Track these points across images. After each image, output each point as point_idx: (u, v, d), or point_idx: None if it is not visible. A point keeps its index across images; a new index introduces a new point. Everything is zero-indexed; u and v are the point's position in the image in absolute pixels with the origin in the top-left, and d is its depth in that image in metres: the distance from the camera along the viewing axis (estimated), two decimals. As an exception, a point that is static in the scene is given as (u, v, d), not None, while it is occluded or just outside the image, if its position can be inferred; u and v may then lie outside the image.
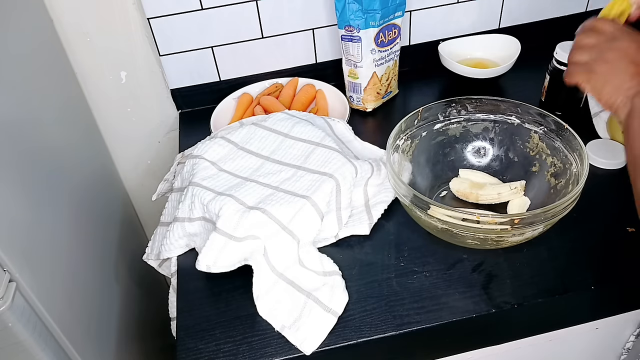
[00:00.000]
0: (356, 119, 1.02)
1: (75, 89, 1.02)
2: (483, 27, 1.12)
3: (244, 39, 1.03)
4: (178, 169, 0.88)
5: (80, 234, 0.87)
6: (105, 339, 0.88)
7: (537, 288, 0.67)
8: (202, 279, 0.73)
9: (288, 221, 0.72)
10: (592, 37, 0.62)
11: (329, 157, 0.79)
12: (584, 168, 0.69)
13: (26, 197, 0.71)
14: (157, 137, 1.15)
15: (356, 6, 0.91)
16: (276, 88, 1.06)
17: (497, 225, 0.65)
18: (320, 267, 0.72)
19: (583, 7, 1.13)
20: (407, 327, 0.65)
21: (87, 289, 0.84)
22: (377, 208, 0.79)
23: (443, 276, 0.70)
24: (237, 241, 0.70)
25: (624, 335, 0.82)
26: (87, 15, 0.97)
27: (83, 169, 0.97)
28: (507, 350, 0.75)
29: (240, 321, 0.68)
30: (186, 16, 0.98)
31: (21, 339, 0.62)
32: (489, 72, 1.01)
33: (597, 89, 0.60)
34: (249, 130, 0.86)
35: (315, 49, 1.07)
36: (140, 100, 1.09)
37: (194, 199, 0.76)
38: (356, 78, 0.99)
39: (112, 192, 1.12)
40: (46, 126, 0.84)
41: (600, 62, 0.60)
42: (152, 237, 0.84)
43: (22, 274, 0.63)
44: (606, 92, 0.59)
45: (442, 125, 0.83)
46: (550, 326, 0.73)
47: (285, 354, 0.64)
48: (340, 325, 0.66)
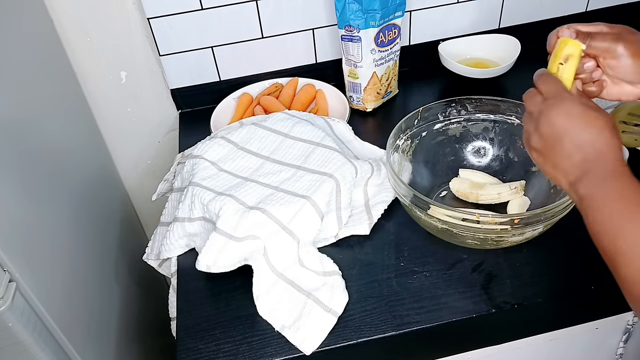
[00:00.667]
0: (356, 119, 1.02)
1: (75, 89, 1.02)
2: (483, 27, 1.12)
3: (244, 39, 1.03)
4: (178, 169, 0.88)
5: (80, 234, 0.87)
6: (105, 339, 0.88)
7: (537, 288, 0.67)
8: (202, 279, 0.73)
9: (288, 221, 0.72)
10: (531, 102, 0.56)
11: (329, 157, 0.79)
12: (584, 168, 0.68)
13: (26, 197, 0.71)
14: (157, 137, 1.15)
15: (356, 6, 0.91)
16: (276, 88, 1.06)
17: (497, 225, 0.65)
18: (320, 267, 0.72)
19: (583, 7, 1.13)
20: (407, 327, 0.65)
21: (87, 289, 0.84)
22: (377, 208, 0.79)
23: (443, 276, 0.70)
24: (237, 241, 0.70)
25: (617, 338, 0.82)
26: (87, 16, 0.97)
27: (83, 169, 0.97)
28: (507, 350, 0.75)
29: (240, 321, 0.68)
30: (186, 16, 0.98)
31: (21, 339, 0.62)
32: (489, 72, 1.01)
33: (540, 165, 0.55)
34: (249, 130, 0.86)
35: (315, 49, 1.07)
36: (140, 100, 1.09)
37: (194, 199, 0.76)
38: (356, 78, 0.99)
39: (112, 192, 1.12)
40: (46, 126, 0.84)
41: (536, 138, 0.54)
42: (152, 237, 0.84)
43: (22, 274, 0.63)
44: (548, 172, 0.54)
45: (442, 125, 0.83)
46: (550, 326, 0.73)
47: (285, 354, 0.64)
48: (340, 325, 0.66)
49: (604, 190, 0.48)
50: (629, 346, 0.82)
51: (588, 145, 0.50)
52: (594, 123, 0.50)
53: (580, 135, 0.50)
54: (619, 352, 0.83)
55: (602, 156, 0.49)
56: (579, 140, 0.50)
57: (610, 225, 0.47)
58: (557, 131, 0.52)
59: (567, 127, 0.51)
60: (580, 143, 0.50)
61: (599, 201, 0.48)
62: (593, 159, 0.49)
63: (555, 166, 0.53)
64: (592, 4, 1.12)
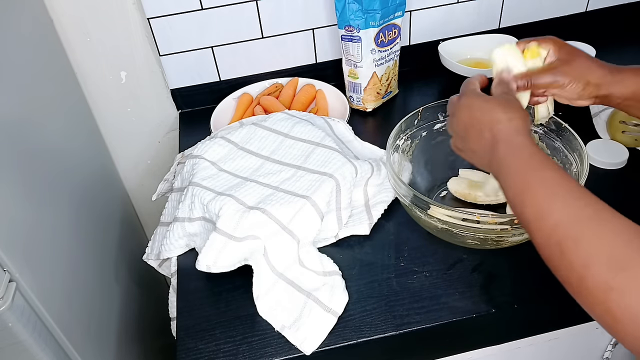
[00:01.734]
0: (356, 119, 1.02)
1: (75, 89, 1.02)
2: (483, 27, 1.12)
3: (244, 39, 1.03)
4: (178, 169, 0.88)
5: (80, 234, 0.87)
6: (105, 339, 0.88)
7: (537, 288, 0.67)
8: (202, 279, 0.73)
9: (288, 221, 0.72)
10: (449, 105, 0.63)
11: (329, 157, 0.79)
12: (584, 168, 0.69)
13: (26, 197, 0.71)
14: (157, 137, 1.15)
15: (356, 6, 0.91)
16: (276, 88, 1.06)
17: (497, 225, 0.65)
18: (320, 267, 0.72)
19: (583, 7, 1.13)
20: (407, 327, 0.65)
21: (87, 289, 0.84)
22: (377, 208, 0.79)
23: (443, 276, 0.70)
24: (237, 241, 0.70)
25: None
26: (87, 15, 0.97)
27: (83, 169, 0.97)
28: (507, 350, 0.75)
29: (240, 321, 0.68)
30: (186, 16, 0.98)
31: (21, 339, 0.62)
32: (489, 72, 1.01)
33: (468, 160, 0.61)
34: (249, 130, 0.86)
35: (315, 49, 1.07)
36: (140, 100, 1.09)
37: (194, 199, 0.76)
38: (356, 78, 0.99)
39: (112, 192, 1.12)
40: (46, 126, 0.84)
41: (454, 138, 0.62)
42: (152, 237, 0.84)
43: (22, 274, 0.63)
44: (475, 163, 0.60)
45: (442, 125, 0.83)
46: (550, 326, 0.73)
47: (285, 354, 0.64)
48: (340, 325, 0.66)
49: (508, 159, 0.53)
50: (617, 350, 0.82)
51: (486, 129, 0.56)
52: (485, 108, 0.57)
53: (480, 122, 0.57)
54: (606, 356, 0.83)
55: (500, 134, 0.54)
56: (479, 126, 0.57)
57: (518, 180, 0.51)
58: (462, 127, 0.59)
59: (468, 120, 0.58)
60: (480, 128, 0.56)
61: (507, 167, 0.53)
62: (494, 138, 0.55)
63: (473, 156, 0.59)
64: (592, 4, 1.12)
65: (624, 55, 1.09)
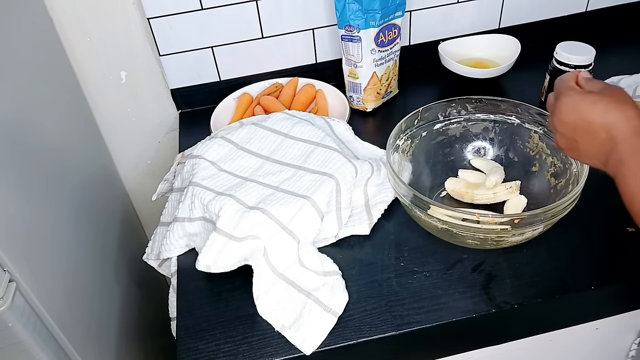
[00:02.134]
0: (356, 119, 1.02)
1: (75, 89, 1.02)
2: (483, 27, 1.12)
3: (244, 39, 1.03)
4: (178, 169, 0.88)
5: (80, 234, 0.87)
6: (105, 338, 0.88)
7: (537, 288, 0.67)
8: (202, 279, 0.73)
9: (288, 221, 0.72)
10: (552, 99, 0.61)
11: (329, 157, 0.79)
12: (583, 168, 0.69)
13: (26, 197, 0.71)
14: (157, 137, 1.15)
15: (356, 6, 0.91)
16: (276, 88, 1.06)
17: (497, 225, 0.65)
18: (320, 267, 0.72)
19: (583, 7, 1.13)
20: (407, 327, 0.65)
21: (87, 289, 0.84)
22: (377, 208, 0.79)
23: (443, 276, 0.70)
24: (237, 241, 0.70)
25: (624, 337, 0.82)
26: (87, 16, 0.97)
27: (83, 169, 0.97)
28: (507, 350, 0.75)
29: (240, 321, 0.68)
30: (186, 16, 0.98)
31: (21, 339, 0.62)
32: (489, 72, 1.01)
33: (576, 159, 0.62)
34: (249, 130, 0.86)
35: (315, 49, 1.07)
36: (140, 100, 1.09)
37: (194, 199, 0.76)
38: (356, 78, 0.99)
39: (112, 192, 1.12)
40: (46, 126, 0.84)
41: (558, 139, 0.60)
42: (152, 237, 0.84)
43: (22, 274, 0.63)
44: (585, 161, 0.59)
45: (442, 125, 0.83)
46: (550, 326, 0.73)
47: (285, 354, 0.64)
48: (340, 325, 0.66)
49: (629, 162, 0.52)
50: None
51: (602, 130, 0.54)
52: (597, 110, 0.54)
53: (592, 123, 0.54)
54: (631, 355, 0.83)
55: (616, 133, 0.53)
56: (592, 128, 0.54)
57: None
58: (571, 128, 0.57)
59: (576, 121, 0.56)
60: (594, 129, 0.54)
61: (626, 169, 0.52)
62: (612, 140, 0.53)
63: (584, 156, 0.58)
64: (592, 4, 1.12)
65: (624, 55, 1.09)
